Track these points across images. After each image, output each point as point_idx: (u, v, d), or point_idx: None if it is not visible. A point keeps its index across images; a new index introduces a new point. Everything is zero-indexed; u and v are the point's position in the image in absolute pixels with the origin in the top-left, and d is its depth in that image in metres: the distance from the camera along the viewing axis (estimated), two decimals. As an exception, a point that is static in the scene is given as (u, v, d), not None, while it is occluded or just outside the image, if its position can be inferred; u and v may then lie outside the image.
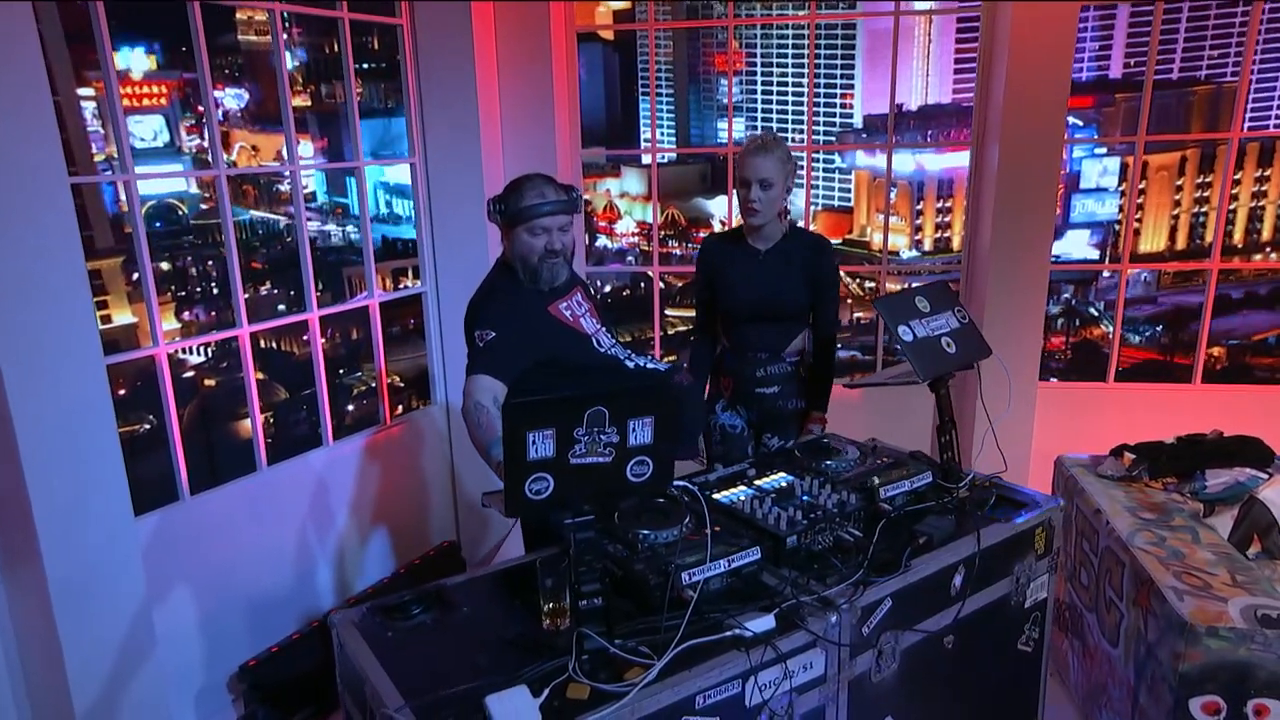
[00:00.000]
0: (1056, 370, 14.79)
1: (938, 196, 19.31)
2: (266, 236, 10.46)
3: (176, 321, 8.54)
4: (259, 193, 10.47)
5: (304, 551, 3.23)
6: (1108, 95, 22.37)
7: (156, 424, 2.67)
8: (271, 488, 3.14)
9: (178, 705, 2.78)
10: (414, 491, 3.75)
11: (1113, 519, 2.29)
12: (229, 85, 10.05)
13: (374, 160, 3.94)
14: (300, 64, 10.28)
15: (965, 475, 2.14)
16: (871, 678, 1.74)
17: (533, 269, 2.01)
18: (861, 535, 1.82)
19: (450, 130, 3.67)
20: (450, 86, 3.62)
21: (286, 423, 7.12)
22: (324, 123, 8.92)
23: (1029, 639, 2.10)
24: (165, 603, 2.74)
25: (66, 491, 2.28)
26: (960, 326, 2.17)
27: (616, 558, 1.67)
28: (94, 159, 6.96)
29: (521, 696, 1.33)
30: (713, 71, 18.77)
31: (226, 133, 9.81)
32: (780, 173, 2.39)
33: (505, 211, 1.99)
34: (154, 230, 9.61)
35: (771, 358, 2.53)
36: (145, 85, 9.34)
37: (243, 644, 2.97)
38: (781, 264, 2.49)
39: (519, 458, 1.30)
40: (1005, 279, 3.76)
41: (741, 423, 2.62)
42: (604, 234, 16.75)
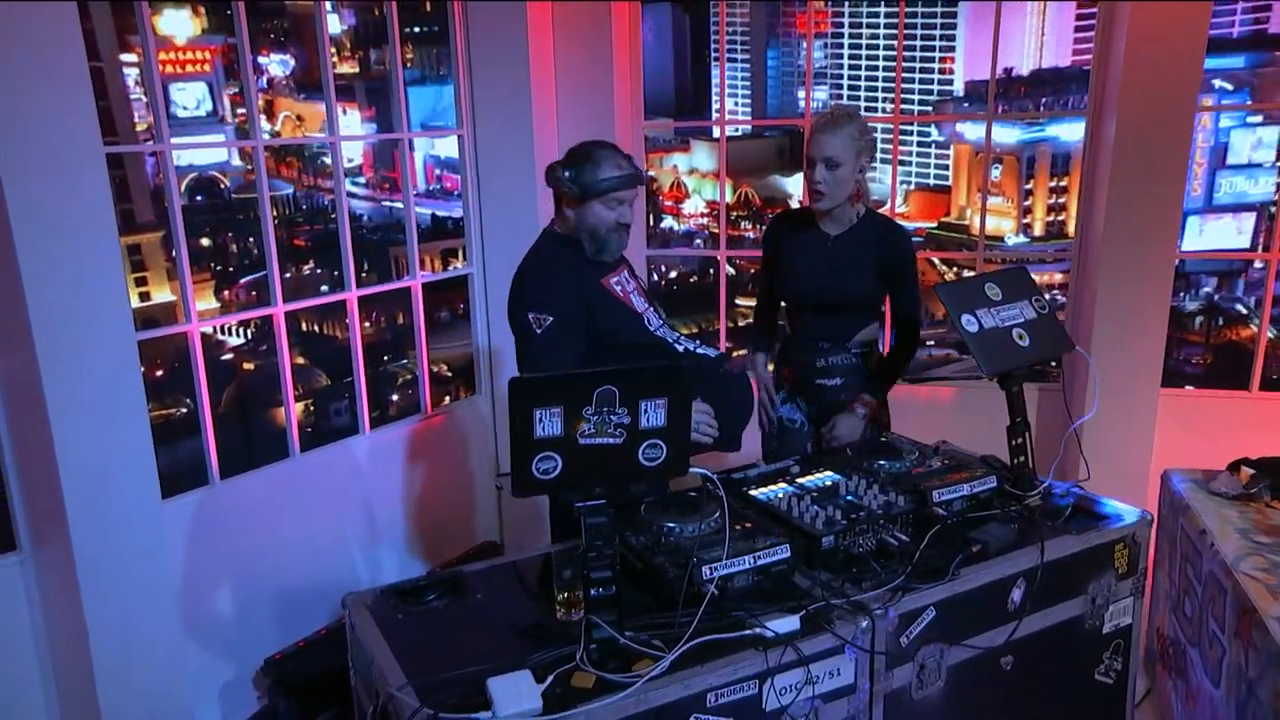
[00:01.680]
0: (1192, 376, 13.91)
1: (1051, 174, 18.33)
2: (310, 212, 10.98)
3: (215, 300, 9.08)
4: (303, 165, 10.99)
5: (336, 543, 3.46)
6: (1265, 54, 20.82)
7: (193, 407, 2.96)
8: (304, 475, 3.38)
9: (201, 697, 3.03)
10: (455, 486, 3.95)
11: (1219, 541, 2.28)
12: (274, 51, 10.58)
13: (420, 132, 4.16)
14: (348, 28, 10.73)
15: (1039, 483, 2.18)
16: (912, 694, 1.81)
17: (601, 240, 2.18)
18: (909, 540, 1.89)
19: (501, 100, 3.85)
20: (502, 53, 3.80)
21: (327, 411, 7.53)
22: (372, 91, 9.31)
23: (1109, 669, 2.12)
24: (192, 589, 3.00)
25: (95, 469, 2.55)
26: (1037, 317, 2.21)
27: (638, 549, 1.80)
28: (136, 128, 7.49)
29: (524, 681, 1.46)
30: (794, 34, 18.53)
31: (270, 101, 10.33)
32: (850, 151, 2.42)
33: (581, 181, 2.13)
34: (195, 204, 10.20)
35: (834, 347, 2.60)
36: (189, 51, 9.91)
37: (270, 637, 3.21)
38: (851, 252, 2.54)
39: (525, 435, 1.43)
40: (1121, 269, 3.70)
41: (801, 417, 2.71)
42: (670, 214, 16.75)
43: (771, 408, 2.75)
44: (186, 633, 2.90)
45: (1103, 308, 3.77)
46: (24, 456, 2.60)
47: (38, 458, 2.53)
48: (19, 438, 2.59)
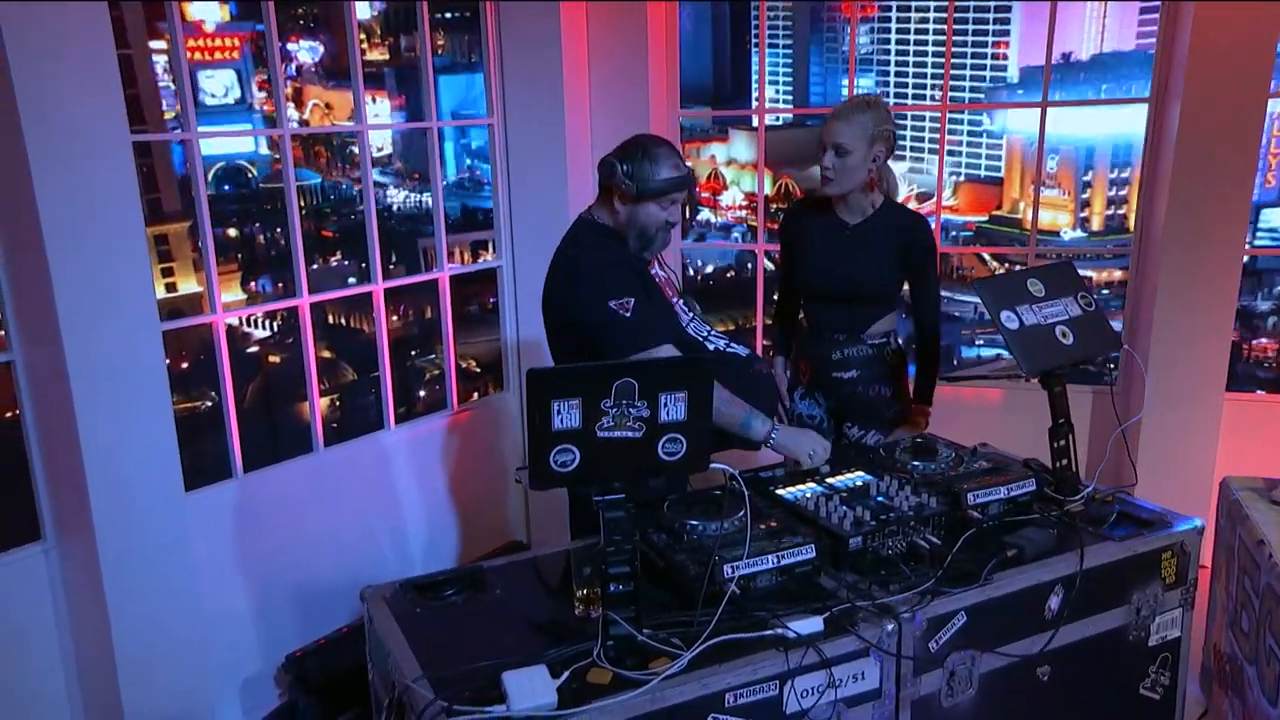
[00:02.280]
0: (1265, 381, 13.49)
1: (1112, 165, 17.85)
2: (339, 203, 11.14)
3: (242, 292, 9.28)
4: (331, 155, 11.16)
5: (359, 540, 3.55)
6: None
7: (218, 400, 3.05)
8: (328, 470, 3.48)
9: (222, 692, 3.14)
10: (480, 484, 4.03)
11: (1278, 553, 2.26)
12: (303, 37, 10.75)
13: (447, 121, 4.24)
14: (378, 13, 10.88)
15: (1083, 487, 2.18)
16: (941, 701, 1.83)
17: (650, 239, 2.25)
18: (940, 543, 1.91)
19: (532, 90, 3.92)
20: (533, 41, 3.87)
21: (354, 405, 7.67)
22: (403, 78, 9.43)
23: (1156, 684, 2.12)
24: (214, 583, 3.11)
25: (119, 460, 2.65)
26: (1082, 314, 2.21)
27: (659, 547, 1.84)
28: (164, 116, 7.70)
29: (539, 675, 1.51)
30: (838, 19, 18.34)
31: (299, 89, 10.51)
32: (862, 140, 2.50)
33: (638, 179, 2.16)
34: (222, 194, 10.42)
35: (850, 339, 2.66)
36: (218, 38, 10.15)
37: (292, 633, 3.31)
38: (868, 242, 2.61)
39: (543, 427, 1.48)
40: (1184, 267, 3.65)
41: (820, 413, 2.77)
42: (707, 206, 16.71)
43: (785, 406, 2.79)
44: (209, 627, 3.00)
45: (1162, 308, 3.73)
46: (49, 447, 2.72)
47: (63, 448, 2.64)
48: (44, 428, 2.71)
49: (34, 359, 2.64)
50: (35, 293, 2.51)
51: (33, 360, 2.64)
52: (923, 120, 5.93)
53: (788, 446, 2.19)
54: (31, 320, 2.57)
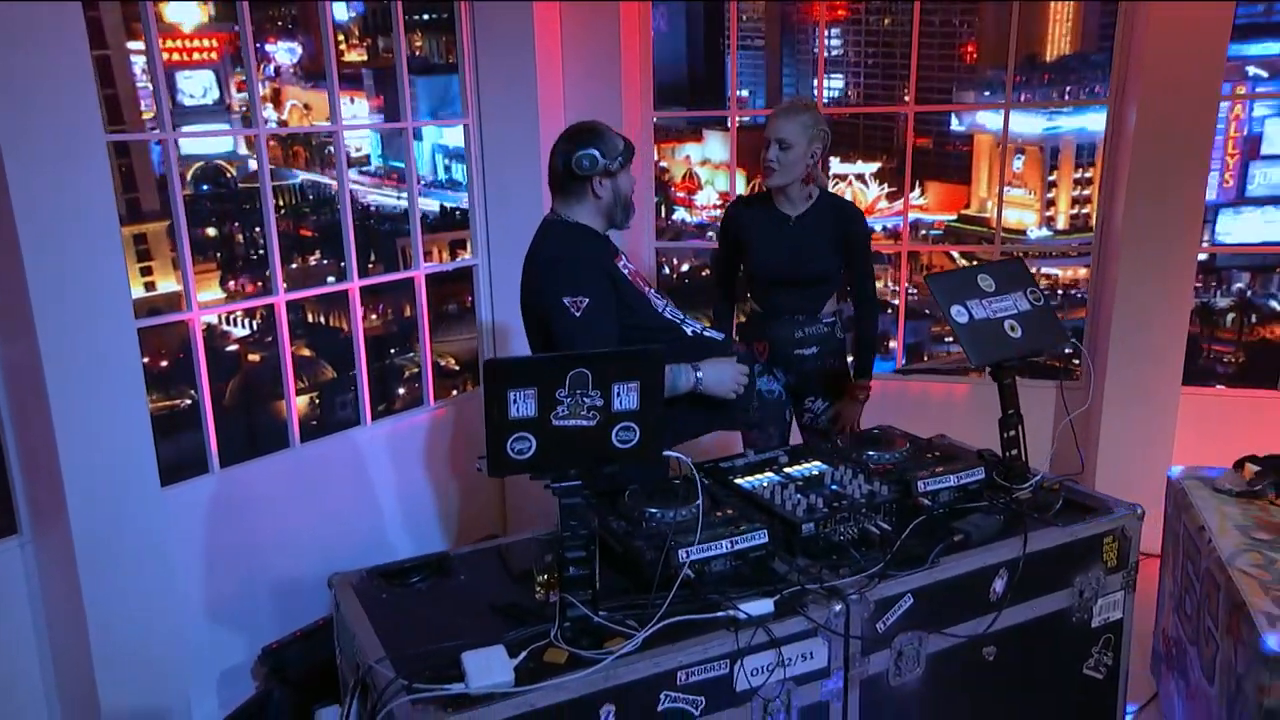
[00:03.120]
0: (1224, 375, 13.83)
1: (1076, 164, 18.26)
2: (318, 202, 11.20)
3: (221, 290, 9.32)
4: (310, 155, 11.21)
5: (335, 534, 3.59)
6: None
7: (196, 397, 3.08)
8: (304, 466, 3.51)
9: (199, 684, 3.17)
10: (456, 480, 4.08)
11: (1217, 537, 2.34)
12: (282, 39, 10.81)
13: (424, 121, 4.29)
14: (356, 15, 10.94)
15: (1032, 476, 2.26)
16: (889, 680, 1.89)
17: (629, 207, 2.36)
18: (891, 529, 1.97)
19: (507, 91, 3.97)
20: (507, 43, 3.92)
21: (333, 403, 7.74)
22: (381, 79, 9.51)
23: (1099, 664, 2.20)
24: (191, 576, 3.15)
25: (95, 454, 2.68)
26: (1031, 309, 2.28)
27: (618, 534, 1.90)
28: (143, 116, 7.72)
29: (497, 655, 1.57)
30: (809, 21, 18.61)
31: (278, 89, 10.58)
32: (802, 136, 2.72)
33: (611, 155, 2.25)
34: (200, 193, 10.46)
35: (809, 319, 2.86)
36: (196, 39, 10.19)
37: (269, 625, 3.35)
38: (810, 230, 2.82)
39: (500, 416, 1.54)
40: (1141, 264, 3.74)
41: (779, 387, 2.95)
42: (682, 205, 16.93)
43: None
44: (185, 619, 3.04)
45: (1121, 304, 3.82)
46: (25, 441, 2.75)
47: (38, 443, 2.68)
48: (20, 423, 2.74)
49: (10, 355, 2.67)
50: (11, 289, 2.54)
51: (9, 356, 2.67)
52: (893, 121, 6.01)
53: (714, 387, 2.26)
54: (7, 316, 2.60)
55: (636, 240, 4.41)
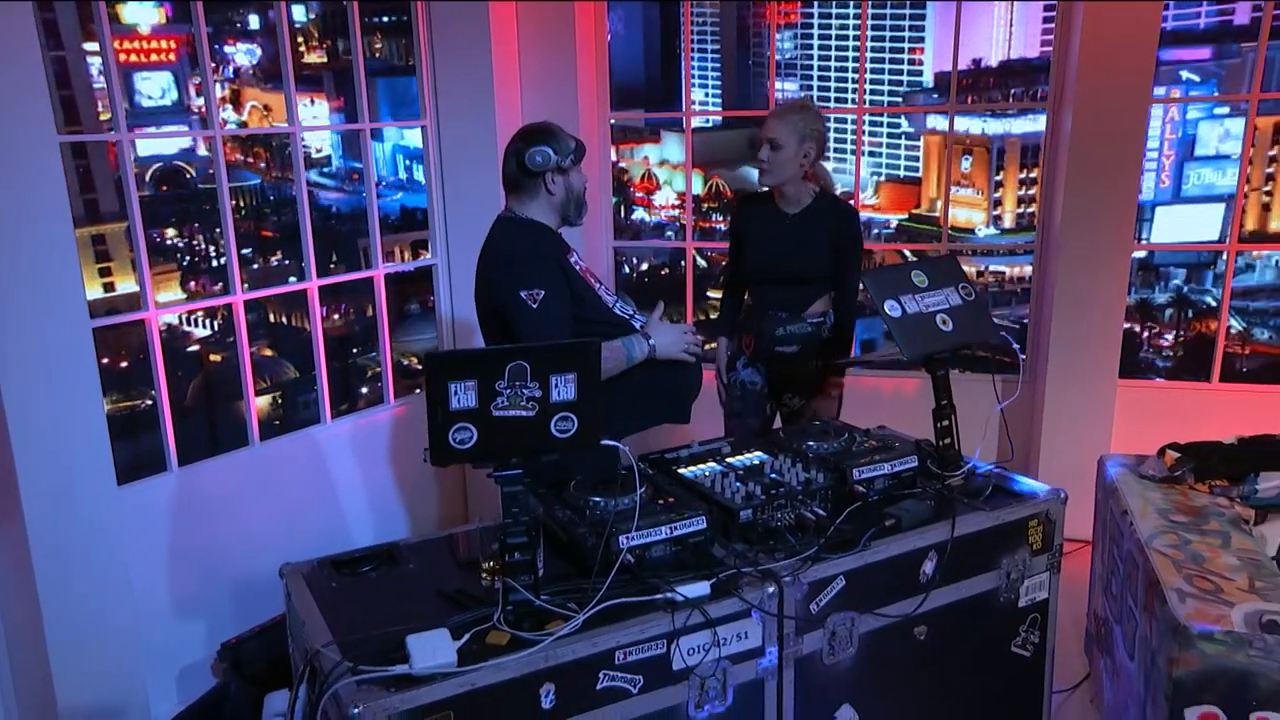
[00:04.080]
0: (1163, 369, 14.36)
1: (1021, 166, 18.84)
2: (278, 203, 11.16)
3: (182, 291, 9.27)
4: (271, 156, 11.16)
5: (294, 530, 3.61)
6: (1231, 45, 21.35)
7: (157, 397, 3.08)
8: (264, 464, 3.53)
9: (158, 681, 3.18)
10: (418, 476, 4.11)
11: (1138, 520, 2.44)
12: (241, 40, 10.76)
13: (382, 122, 4.31)
14: (316, 17, 10.93)
15: (965, 463, 2.34)
16: (823, 659, 1.96)
17: (583, 203, 2.43)
18: (826, 515, 2.04)
19: (464, 92, 4.00)
20: (464, 45, 3.95)
21: (296, 403, 7.72)
22: (341, 81, 9.51)
23: (1026, 642, 2.29)
24: (150, 574, 3.15)
25: (49, 453, 2.68)
26: (962, 304, 2.36)
27: (562, 522, 1.95)
28: (100, 117, 7.65)
29: (441, 637, 1.62)
30: (763, 25, 18.89)
31: (238, 91, 10.53)
32: (793, 137, 2.79)
33: (563, 152, 2.32)
34: (160, 195, 10.39)
35: (792, 317, 2.92)
36: (154, 40, 10.11)
37: (230, 622, 3.36)
38: (806, 229, 2.88)
39: (441, 407, 1.59)
40: (1079, 261, 3.86)
41: (761, 380, 3.02)
42: (641, 205, 17.18)
43: (728, 374, 3.09)
44: (144, 617, 3.05)
45: (1061, 300, 3.94)
46: (-21, 440, 2.74)
47: (-7, 441, 2.68)
48: (-26, 422, 2.73)
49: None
50: (-37, 289, 2.54)
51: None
52: (845, 122, 6.15)
53: (667, 350, 2.35)
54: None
55: (595, 240, 4.47)
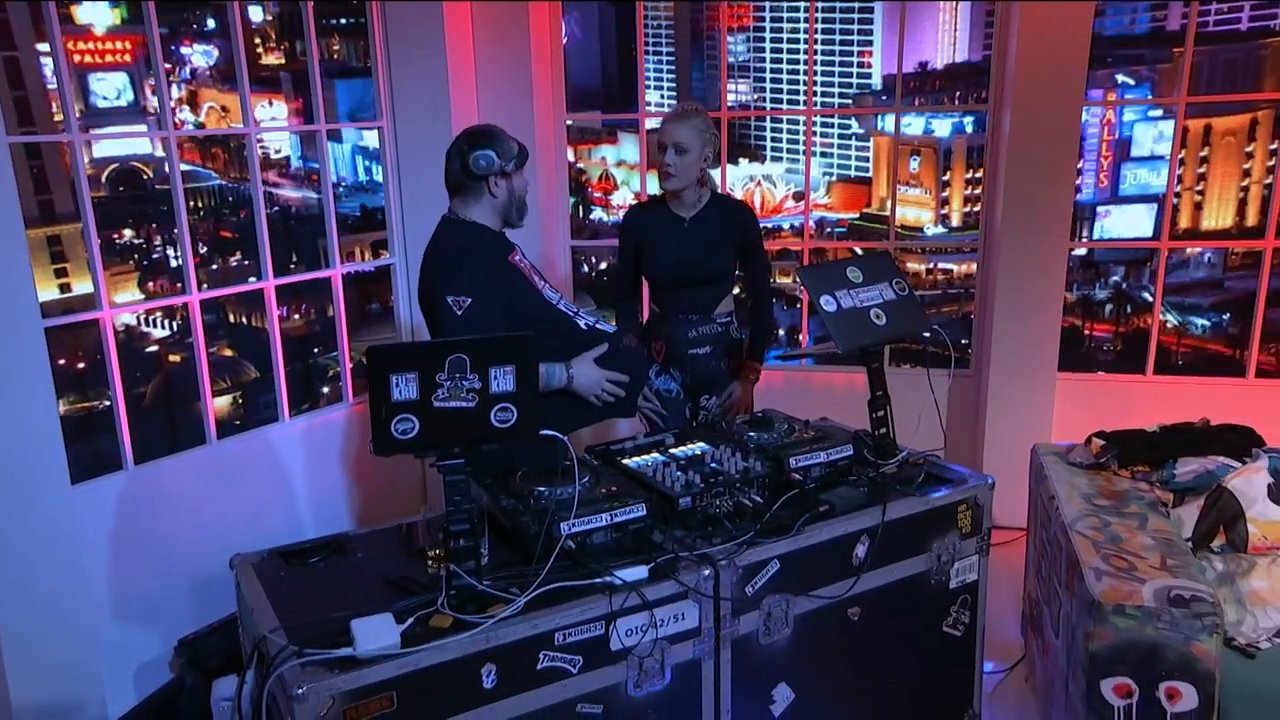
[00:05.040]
0: (1104, 362, 14.87)
1: (967, 166, 19.36)
2: (236, 204, 11.12)
3: (140, 292, 9.20)
4: (229, 157, 11.10)
5: (252, 527, 3.62)
6: (1164, 49, 22.19)
7: (112, 395, 3.08)
8: (222, 462, 3.54)
9: (116, 677, 3.18)
10: (376, 473, 4.13)
11: (1064, 505, 2.54)
12: (197, 41, 10.69)
13: (337, 124, 4.33)
14: (273, 18, 10.89)
15: (900, 452, 2.42)
16: (759, 639, 2.03)
17: (523, 207, 2.46)
18: (763, 502, 2.11)
19: (420, 94, 4.03)
20: (419, 47, 3.98)
21: (256, 403, 7.69)
22: (299, 83, 9.51)
23: (957, 622, 2.37)
24: (107, 572, 3.15)
25: (1, 451, 2.69)
26: (896, 299, 2.45)
27: (507, 510, 2.01)
28: (55, 118, 7.57)
29: (385, 621, 1.67)
30: (717, 27, 19.12)
31: (195, 92, 10.47)
32: (697, 140, 2.81)
33: (506, 156, 2.35)
34: (117, 195, 10.30)
35: (702, 319, 2.95)
36: (109, 41, 10.03)
37: (187, 619, 3.37)
38: (705, 230, 2.91)
39: (383, 398, 1.64)
40: (1019, 258, 3.98)
41: (676, 386, 3.03)
42: (599, 205, 17.36)
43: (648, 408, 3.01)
44: (100, 614, 3.05)
45: (1002, 296, 4.05)
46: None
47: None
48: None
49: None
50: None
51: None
52: (798, 124, 6.23)
53: (584, 388, 2.36)
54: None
55: (552, 239, 4.52)
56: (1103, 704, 2.10)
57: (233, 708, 1.69)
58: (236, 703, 1.69)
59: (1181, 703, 2.06)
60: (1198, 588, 2.08)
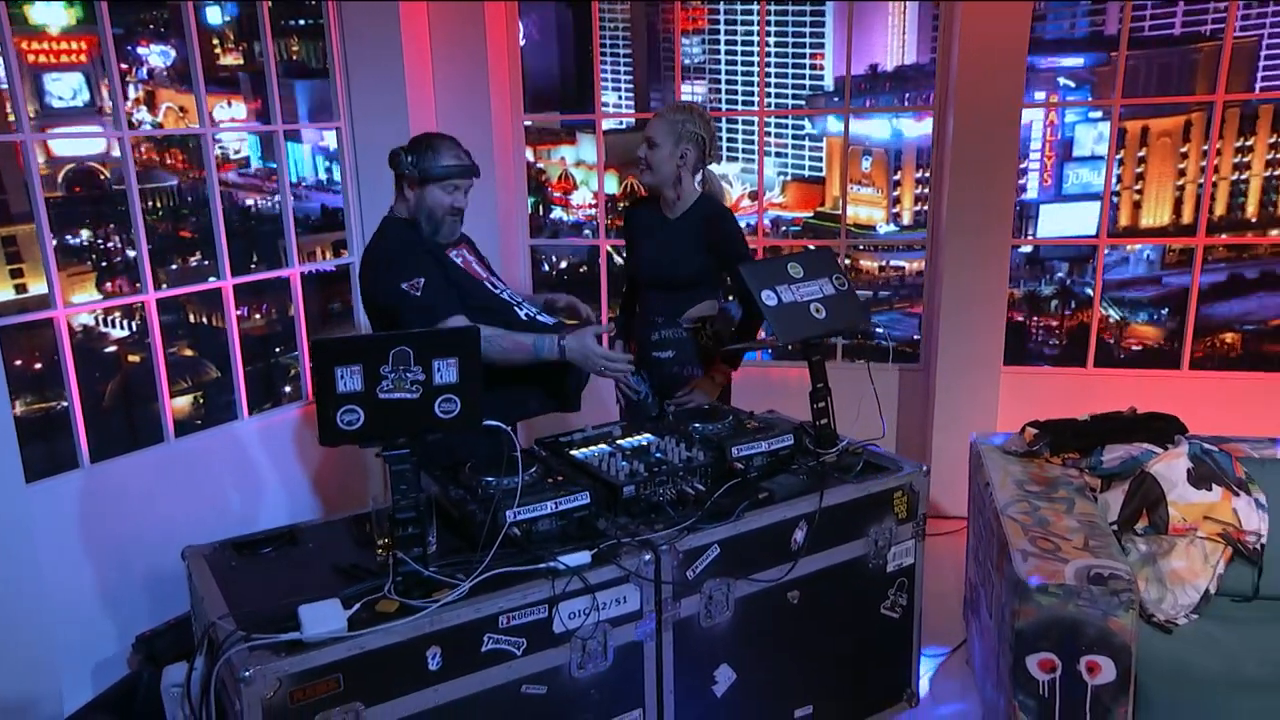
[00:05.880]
0: (1050, 356, 15.44)
1: (917, 166, 19.87)
2: (196, 204, 11.05)
3: (98, 292, 9.13)
4: (188, 157, 11.03)
5: (211, 523, 3.62)
6: (1102, 53, 23.01)
7: (68, 393, 3.08)
8: (180, 459, 3.54)
9: (73, 675, 3.18)
10: (335, 469, 4.15)
11: (997, 491, 2.64)
12: (155, 42, 10.61)
13: (294, 124, 4.34)
14: (231, 19, 10.84)
15: (840, 441, 2.50)
16: (701, 622, 2.10)
17: (437, 222, 2.46)
18: (705, 490, 2.18)
19: (377, 94, 4.06)
20: (376, 48, 4.01)
21: (218, 403, 7.66)
22: (258, 83, 9.45)
23: (895, 604, 2.46)
24: (64, 570, 3.15)
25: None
26: (835, 293, 2.52)
27: (455, 500, 2.05)
28: (8, 118, 7.54)
29: (332, 606, 1.71)
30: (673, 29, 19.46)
31: (152, 92, 10.40)
32: (669, 136, 2.80)
33: (420, 166, 2.40)
34: (73, 195, 10.21)
35: (667, 322, 2.91)
36: (64, 41, 9.93)
37: (146, 616, 3.37)
38: (682, 233, 2.88)
39: (328, 390, 1.68)
40: (963, 256, 4.09)
41: (646, 389, 3.00)
42: (559, 205, 17.54)
43: (627, 385, 2.98)
44: (57, 612, 3.05)
45: (948, 292, 4.16)
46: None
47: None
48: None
49: None
50: None
51: None
52: (753, 124, 6.32)
53: (578, 356, 2.37)
54: None
55: (510, 238, 4.56)
56: (1028, 679, 2.19)
57: (182, 693, 1.73)
58: (186, 688, 1.72)
59: (1101, 675, 2.16)
60: (1116, 566, 2.18)
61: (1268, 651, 2.28)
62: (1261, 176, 24.34)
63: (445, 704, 1.77)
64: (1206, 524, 2.50)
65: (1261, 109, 23.97)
